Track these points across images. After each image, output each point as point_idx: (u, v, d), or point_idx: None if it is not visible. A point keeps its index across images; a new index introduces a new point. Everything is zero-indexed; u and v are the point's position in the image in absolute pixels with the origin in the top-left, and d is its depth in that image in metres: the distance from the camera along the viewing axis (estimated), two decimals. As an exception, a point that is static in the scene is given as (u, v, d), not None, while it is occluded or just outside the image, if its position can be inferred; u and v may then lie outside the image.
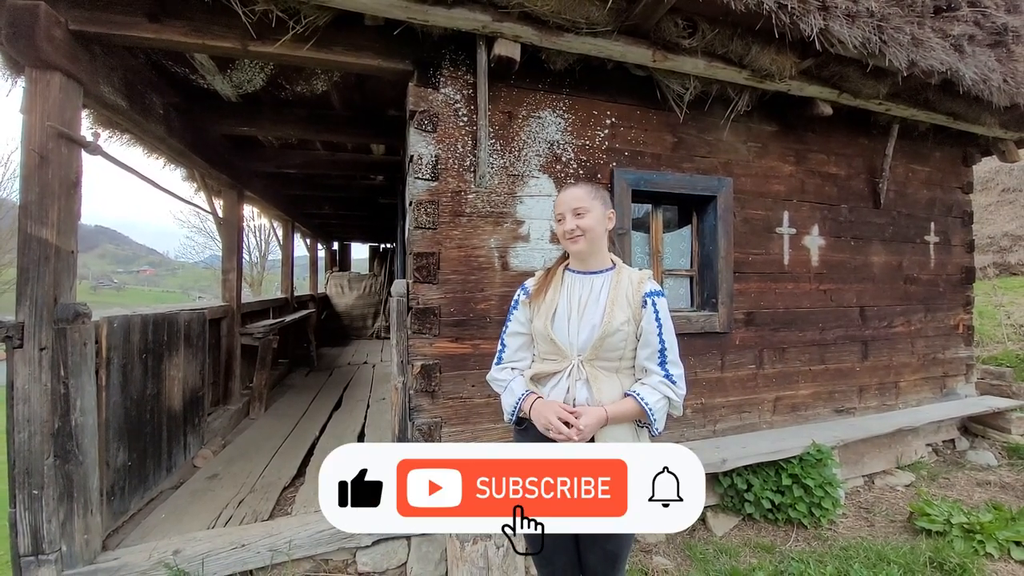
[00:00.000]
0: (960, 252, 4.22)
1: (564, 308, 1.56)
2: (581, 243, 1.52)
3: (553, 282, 1.63)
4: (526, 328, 1.65)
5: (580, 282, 1.58)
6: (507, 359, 1.69)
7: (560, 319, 1.55)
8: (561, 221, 1.55)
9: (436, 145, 2.58)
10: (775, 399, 3.42)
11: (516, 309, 1.69)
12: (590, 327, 1.49)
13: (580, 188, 1.55)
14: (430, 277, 2.55)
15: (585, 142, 2.89)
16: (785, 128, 3.45)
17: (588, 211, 1.51)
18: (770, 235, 3.42)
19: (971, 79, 2.99)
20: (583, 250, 1.53)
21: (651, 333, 1.46)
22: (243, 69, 3.22)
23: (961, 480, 3.39)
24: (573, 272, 1.62)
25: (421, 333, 2.54)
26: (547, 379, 1.58)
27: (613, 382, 1.50)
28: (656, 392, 1.44)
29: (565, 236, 1.54)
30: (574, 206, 1.51)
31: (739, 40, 2.68)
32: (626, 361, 1.51)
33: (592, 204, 1.52)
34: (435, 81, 2.59)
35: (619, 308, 1.48)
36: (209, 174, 4.26)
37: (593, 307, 1.52)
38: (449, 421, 2.60)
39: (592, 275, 1.58)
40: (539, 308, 1.60)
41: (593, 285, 1.56)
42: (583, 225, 1.50)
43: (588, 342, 1.49)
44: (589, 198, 1.52)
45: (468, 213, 2.64)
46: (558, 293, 1.59)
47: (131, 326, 2.71)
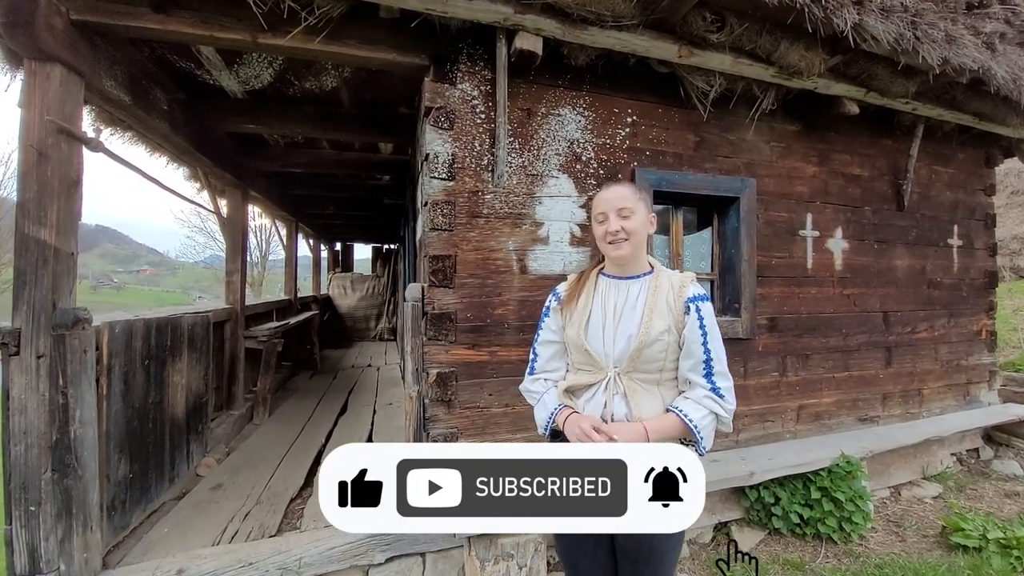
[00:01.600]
0: (983, 256, 4.12)
1: (598, 316, 1.45)
2: (625, 248, 1.40)
3: (586, 287, 1.52)
4: (558, 336, 1.55)
5: (615, 288, 1.47)
6: (540, 369, 1.59)
7: (594, 327, 1.44)
8: (603, 221, 1.43)
9: (453, 143, 2.47)
10: (799, 407, 3.31)
11: (547, 316, 1.59)
12: (626, 337, 1.38)
13: (624, 187, 1.44)
14: (446, 281, 2.44)
15: (605, 141, 2.78)
16: (808, 128, 3.34)
17: (633, 212, 1.40)
18: (793, 238, 3.31)
19: (1002, 78, 2.89)
20: (625, 255, 1.41)
21: (695, 342, 1.35)
22: (251, 64, 3.11)
23: (989, 491, 3.29)
24: (608, 277, 1.51)
25: (437, 339, 2.43)
26: (582, 392, 1.47)
27: (653, 396, 1.39)
28: (701, 408, 1.33)
29: (607, 238, 1.42)
30: (619, 206, 1.40)
31: (767, 35, 2.57)
32: (667, 373, 1.40)
33: (637, 205, 1.41)
34: (452, 76, 2.49)
35: (658, 316, 1.37)
36: (213, 173, 4.15)
37: (630, 315, 1.41)
38: (466, 431, 2.49)
39: (628, 280, 1.47)
40: (571, 315, 1.50)
41: (630, 291, 1.45)
42: (628, 227, 1.39)
43: (625, 353, 1.38)
44: (634, 198, 1.42)
45: (485, 214, 2.53)
46: (591, 299, 1.49)
47: (133, 331, 2.60)
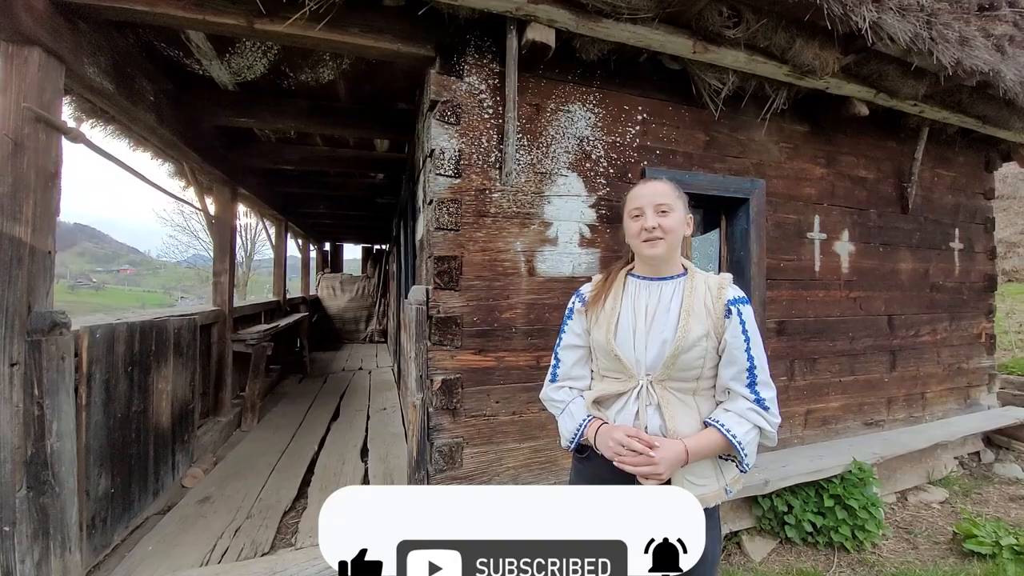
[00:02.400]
0: (983, 259, 4.13)
1: (628, 319, 1.34)
2: (661, 247, 1.30)
3: (613, 288, 1.41)
4: (583, 340, 1.44)
5: (647, 289, 1.37)
6: (563, 376, 1.48)
7: (624, 331, 1.33)
8: (638, 217, 1.32)
9: (459, 139, 2.36)
10: (806, 412, 3.26)
11: (571, 319, 1.48)
12: (660, 342, 1.28)
13: (664, 183, 1.34)
14: (452, 283, 2.33)
15: (616, 139, 2.70)
16: (816, 129, 3.30)
17: (672, 210, 1.30)
18: (801, 240, 3.26)
19: (1011, 80, 2.88)
20: (660, 255, 1.31)
21: (737, 348, 1.25)
22: (244, 54, 2.96)
23: (994, 495, 3.27)
24: (637, 278, 1.40)
25: (442, 345, 2.31)
26: (611, 402, 1.36)
27: (690, 407, 1.29)
28: (745, 421, 1.23)
29: (641, 236, 1.31)
30: (657, 201, 1.30)
31: (783, 32, 2.51)
32: (704, 381, 1.30)
33: (676, 203, 1.31)
34: (459, 69, 2.38)
35: (696, 319, 1.27)
36: (201, 169, 3.97)
37: (663, 318, 1.31)
38: (471, 441, 2.37)
39: (661, 281, 1.36)
40: (597, 318, 1.39)
41: (663, 293, 1.34)
42: (666, 225, 1.29)
43: (659, 359, 1.28)
44: (674, 196, 1.32)
45: (493, 213, 2.43)
46: (619, 301, 1.38)
47: (116, 336, 2.43)
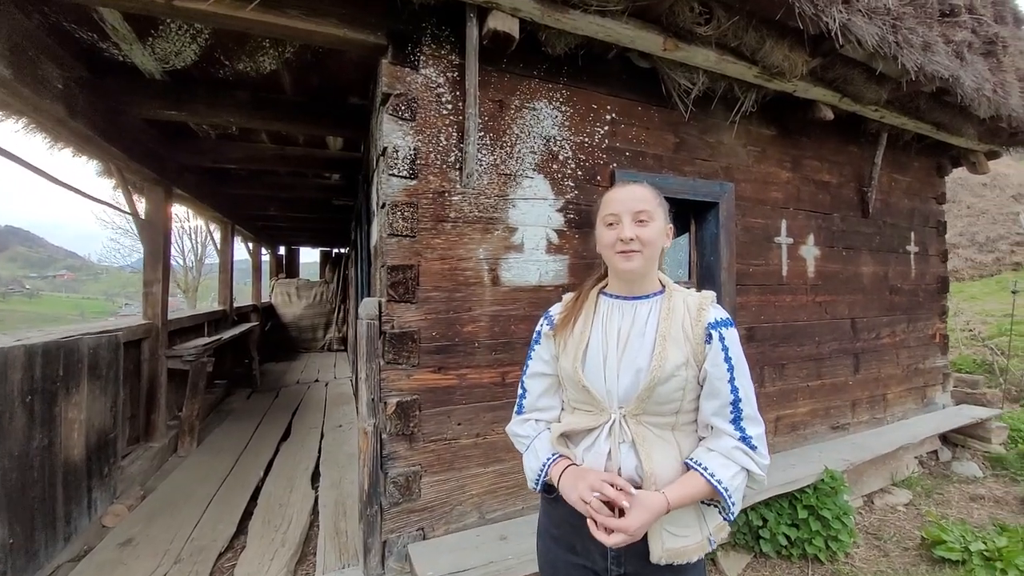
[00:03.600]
0: (936, 262, 4.25)
1: (598, 344, 1.18)
2: (637, 261, 1.13)
3: (584, 309, 1.24)
4: (551, 368, 1.27)
5: (620, 310, 1.20)
6: (529, 407, 1.30)
7: (593, 358, 1.16)
8: (613, 225, 1.16)
9: (415, 136, 2.14)
10: (776, 419, 3.22)
11: (538, 344, 1.30)
12: (634, 371, 1.11)
13: (644, 188, 1.17)
14: (408, 295, 2.11)
15: (584, 139, 2.54)
16: (783, 132, 3.27)
17: (651, 219, 1.13)
18: (769, 245, 3.22)
19: (969, 87, 2.92)
20: (636, 270, 1.15)
21: (719, 379, 1.09)
22: (169, 37, 2.63)
23: (955, 495, 3.33)
24: (610, 297, 1.24)
25: (397, 363, 2.08)
26: (580, 437, 1.19)
27: (668, 445, 1.13)
28: (731, 464, 1.07)
29: (616, 247, 1.15)
30: (636, 208, 1.13)
31: (754, 32, 2.43)
32: (685, 415, 1.14)
33: (656, 212, 1.15)
34: (414, 60, 2.16)
35: (673, 345, 1.11)
36: (127, 167, 3.56)
37: (637, 343, 1.14)
38: (431, 469, 2.15)
39: (636, 301, 1.20)
40: (566, 343, 1.22)
41: (637, 314, 1.18)
42: (645, 237, 1.12)
43: (632, 391, 1.11)
44: (655, 203, 1.15)
45: (453, 218, 2.22)
46: (590, 324, 1.21)
47: (9, 362, 2.07)
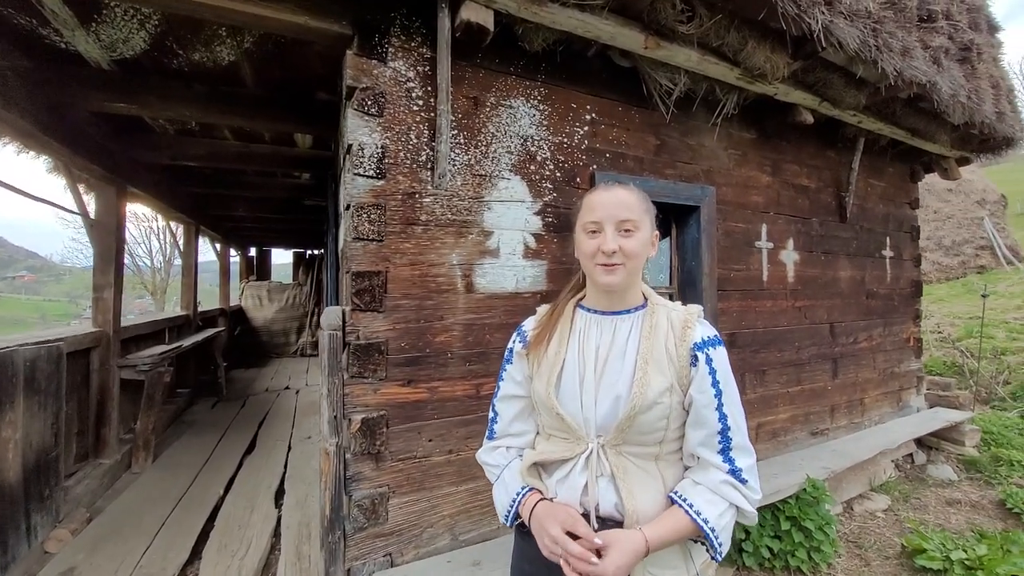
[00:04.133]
0: (910, 266, 4.30)
1: (574, 365, 1.06)
2: (619, 275, 1.03)
3: (560, 325, 1.13)
4: (524, 389, 1.15)
5: (598, 326, 1.10)
6: (501, 432, 1.18)
7: (568, 382, 1.05)
8: (595, 234, 1.04)
9: (383, 133, 2.00)
10: (757, 426, 3.17)
11: (510, 363, 1.18)
12: (613, 397, 1.00)
13: (630, 192, 1.06)
14: (374, 303, 1.96)
15: (563, 139, 2.44)
16: (763, 136, 3.23)
17: (638, 228, 1.03)
18: (750, 249, 3.18)
19: (946, 93, 2.93)
20: (618, 285, 1.04)
21: (706, 406, 0.99)
22: (115, 23, 2.43)
23: (931, 500, 3.33)
24: (588, 311, 1.13)
25: (362, 377, 1.93)
26: (555, 467, 1.08)
27: (651, 477, 1.02)
28: (719, 500, 0.96)
29: (597, 258, 1.03)
30: (621, 216, 1.02)
31: (736, 32, 2.37)
32: (670, 444, 1.04)
33: (643, 220, 1.04)
34: (381, 51, 2.02)
35: (656, 369, 1.00)
36: (74, 163, 3.31)
37: (617, 365, 1.03)
38: (399, 490, 2.01)
39: (615, 316, 1.09)
40: (539, 364, 1.11)
41: (617, 332, 1.07)
42: (629, 248, 1.01)
43: (611, 419, 1.00)
44: (641, 209, 1.04)
45: (424, 221, 2.08)
46: (565, 342, 1.10)
47: (-81, 378, 1.84)
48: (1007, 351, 5.74)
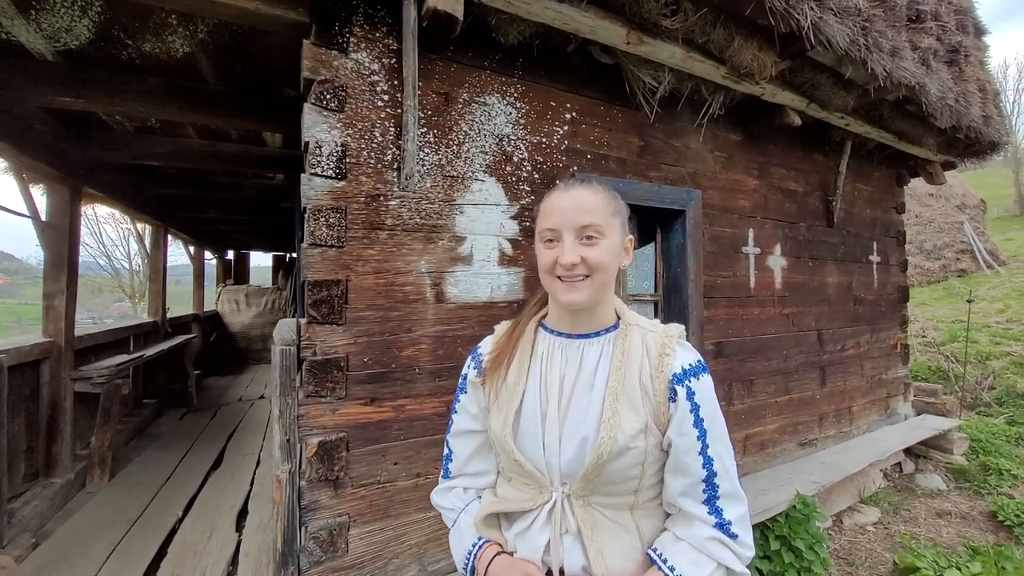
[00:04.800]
0: (896, 272, 4.25)
1: (535, 400, 0.90)
2: (584, 292, 0.87)
3: (519, 349, 0.96)
4: (481, 423, 0.99)
5: (563, 352, 0.94)
6: (456, 471, 1.02)
7: (528, 420, 0.89)
8: (552, 243, 0.89)
9: (343, 130, 1.85)
10: (744, 438, 3.06)
11: (464, 393, 1.02)
12: (579, 440, 0.85)
13: (593, 190, 0.90)
14: (333, 315, 1.80)
15: (541, 139, 2.30)
16: (750, 138, 3.13)
17: (604, 234, 0.87)
18: (737, 255, 3.07)
19: (934, 95, 2.86)
20: (583, 302, 0.87)
21: (687, 451, 0.83)
22: (56, 11, 2.24)
23: (922, 511, 3.26)
24: (551, 333, 0.97)
25: (319, 396, 1.77)
26: (515, 517, 0.92)
27: (626, 532, 0.87)
28: (705, 561, 0.82)
29: (556, 271, 0.88)
30: (581, 221, 0.86)
31: (722, 29, 2.26)
32: (647, 492, 0.88)
33: (610, 223, 0.88)
34: (342, 41, 1.86)
35: (628, 406, 0.85)
36: (21, 162, 3.08)
37: (583, 400, 0.88)
38: (361, 518, 1.84)
39: (582, 340, 0.93)
40: (497, 394, 0.94)
41: (584, 358, 0.92)
42: (593, 259, 0.85)
43: (577, 465, 0.85)
44: (607, 210, 0.89)
45: (390, 225, 1.93)
46: (525, 371, 0.94)
47: None
48: (991, 355, 5.75)
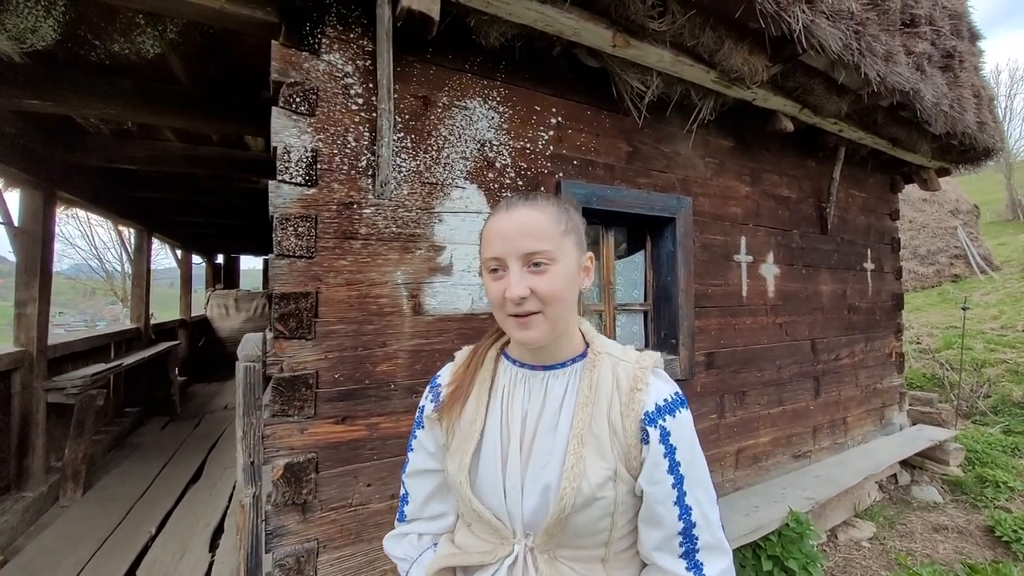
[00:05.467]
0: (891, 279, 4.19)
1: (496, 440, 0.81)
2: (538, 329, 0.77)
3: (478, 381, 0.87)
4: (438, 462, 0.89)
5: (526, 385, 0.84)
6: (412, 514, 0.93)
7: (488, 464, 0.80)
8: (497, 274, 0.79)
9: (314, 135, 1.76)
10: (737, 451, 2.98)
11: (420, 428, 0.92)
12: (541, 488, 0.76)
13: (536, 208, 0.79)
14: (302, 330, 1.70)
15: (525, 144, 2.23)
16: (741, 144, 3.07)
17: (554, 259, 0.77)
18: (729, 263, 3.00)
19: (929, 101, 2.80)
20: (539, 339, 0.78)
21: (662, 501, 0.75)
22: (19, 11, 2.14)
23: (918, 526, 3.18)
24: (513, 363, 0.88)
25: (286, 415, 1.67)
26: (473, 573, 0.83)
27: None
28: None
29: (506, 308, 0.78)
30: (527, 247, 0.76)
31: (712, 32, 2.19)
32: (620, 543, 0.79)
33: (562, 245, 0.78)
34: (314, 42, 1.78)
35: (595, 450, 0.76)
36: (-8, 166, 2.98)
37: (547, 441, 0.78)
38: (331, 544, 1.74)
39: (546, 372, 0.84)
40: (454, 433, 0.85)
41: (549, 393, 0.82)
42: (544, 290, 0.76)
43: (540, 516, 0.76)
44: (556, 230, 0.78)
45: (364, 235, 1.84)
46: (484, 407, 0.84)
47: None
48: (986, 363, 5.70)
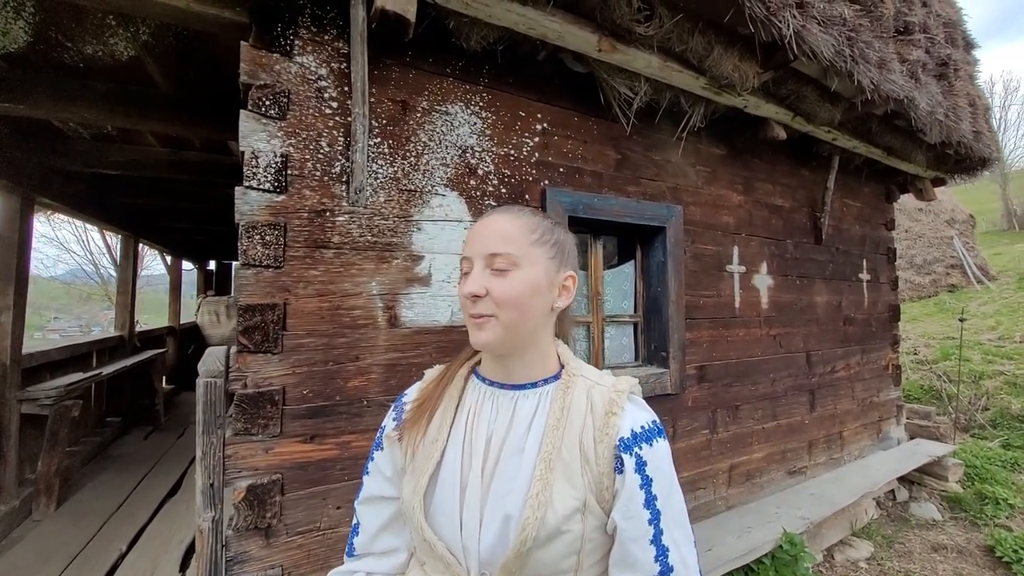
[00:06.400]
0: (887, 289, 4.12)
1: (456, 463, 0.75)
2: (489, 331, 0.73)
3: (445, 398, 0.81)
4: (395, 488, 0.82)
5: (494, 404, 0.78)
6: (362, 548, 0.84)
7: (445, 490, 0.73)
8: (464, 276, 0.78)
9: (285, 139, 1.69)
10: (729, 468, 2.89)
11: (379, 450, 0.85)
12: (501, 518, 0.69)
13: (512, 216, 0.77)
14: (268, 343, 1.62)
15: (509, 151, 2.16)
16: (733, 152, 3.01)
17: (518, 264, 0.73)
18: (721, 274, 2.93)
19: (924, 110, 2.75)
20: (491, 344, 0.74)
21: (636, 539, 0.68)
22: (-12, 10, 2.08)
23: (916, 545, 3.08)
24: (483, 381, 0.82)
25: (250, 434, 1.58)
26: None
27: None
28: None
29: (466, 308, 0.76)
30: (491, 248, 0.74)
31: (701, 37, 2.14)
32: None
33: (530, 253, 0.74)
34: (285, 43, 1.71)
35: (563, 476, 0.69)
36: (-36, 169, 2.91)
37: (513, 466, 0.72)
38: (297, 570, 1.65)
39: (516, 392, 0.78)
40: (414, 454, 0.78)
41: (517, 413, 0.76)
42: (499, 292, 0.72)
43: (498, 552, 0.68)
44: (526, 239, 0.75)
45: (336, 243, 1.76)
46: (448, 426, 0.78)
47: None
48: (984, 375, 5.62)
